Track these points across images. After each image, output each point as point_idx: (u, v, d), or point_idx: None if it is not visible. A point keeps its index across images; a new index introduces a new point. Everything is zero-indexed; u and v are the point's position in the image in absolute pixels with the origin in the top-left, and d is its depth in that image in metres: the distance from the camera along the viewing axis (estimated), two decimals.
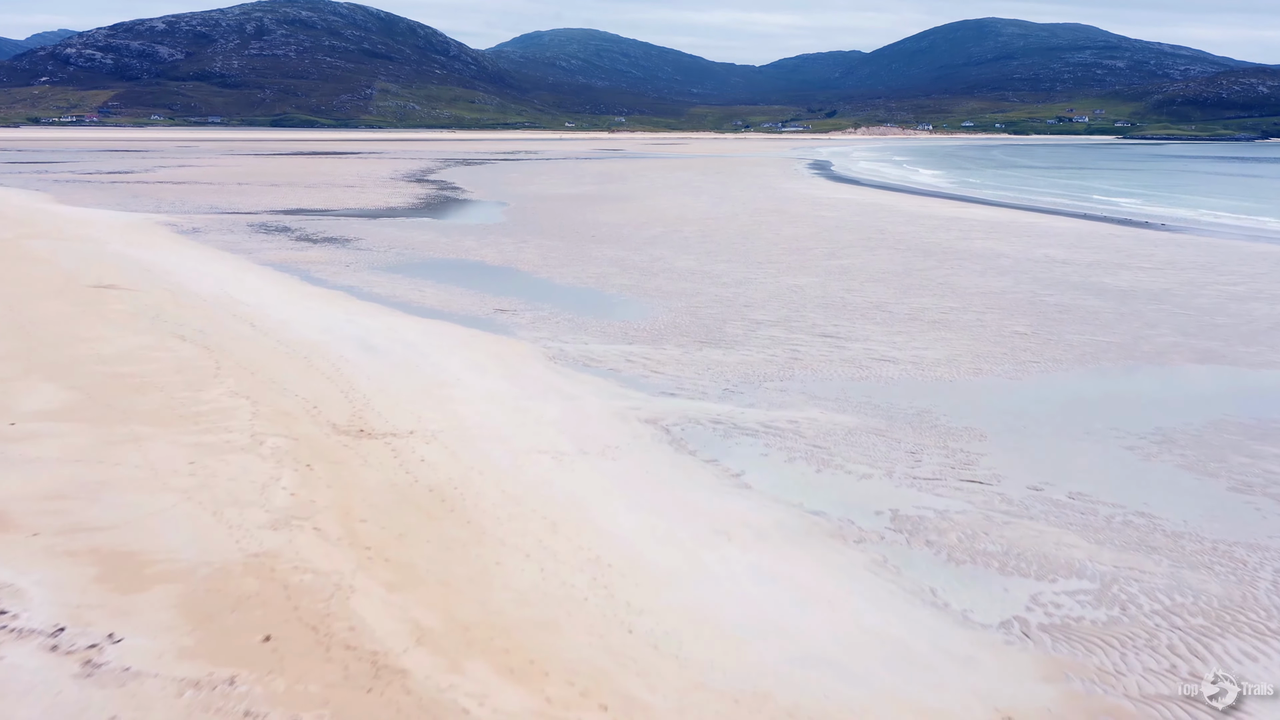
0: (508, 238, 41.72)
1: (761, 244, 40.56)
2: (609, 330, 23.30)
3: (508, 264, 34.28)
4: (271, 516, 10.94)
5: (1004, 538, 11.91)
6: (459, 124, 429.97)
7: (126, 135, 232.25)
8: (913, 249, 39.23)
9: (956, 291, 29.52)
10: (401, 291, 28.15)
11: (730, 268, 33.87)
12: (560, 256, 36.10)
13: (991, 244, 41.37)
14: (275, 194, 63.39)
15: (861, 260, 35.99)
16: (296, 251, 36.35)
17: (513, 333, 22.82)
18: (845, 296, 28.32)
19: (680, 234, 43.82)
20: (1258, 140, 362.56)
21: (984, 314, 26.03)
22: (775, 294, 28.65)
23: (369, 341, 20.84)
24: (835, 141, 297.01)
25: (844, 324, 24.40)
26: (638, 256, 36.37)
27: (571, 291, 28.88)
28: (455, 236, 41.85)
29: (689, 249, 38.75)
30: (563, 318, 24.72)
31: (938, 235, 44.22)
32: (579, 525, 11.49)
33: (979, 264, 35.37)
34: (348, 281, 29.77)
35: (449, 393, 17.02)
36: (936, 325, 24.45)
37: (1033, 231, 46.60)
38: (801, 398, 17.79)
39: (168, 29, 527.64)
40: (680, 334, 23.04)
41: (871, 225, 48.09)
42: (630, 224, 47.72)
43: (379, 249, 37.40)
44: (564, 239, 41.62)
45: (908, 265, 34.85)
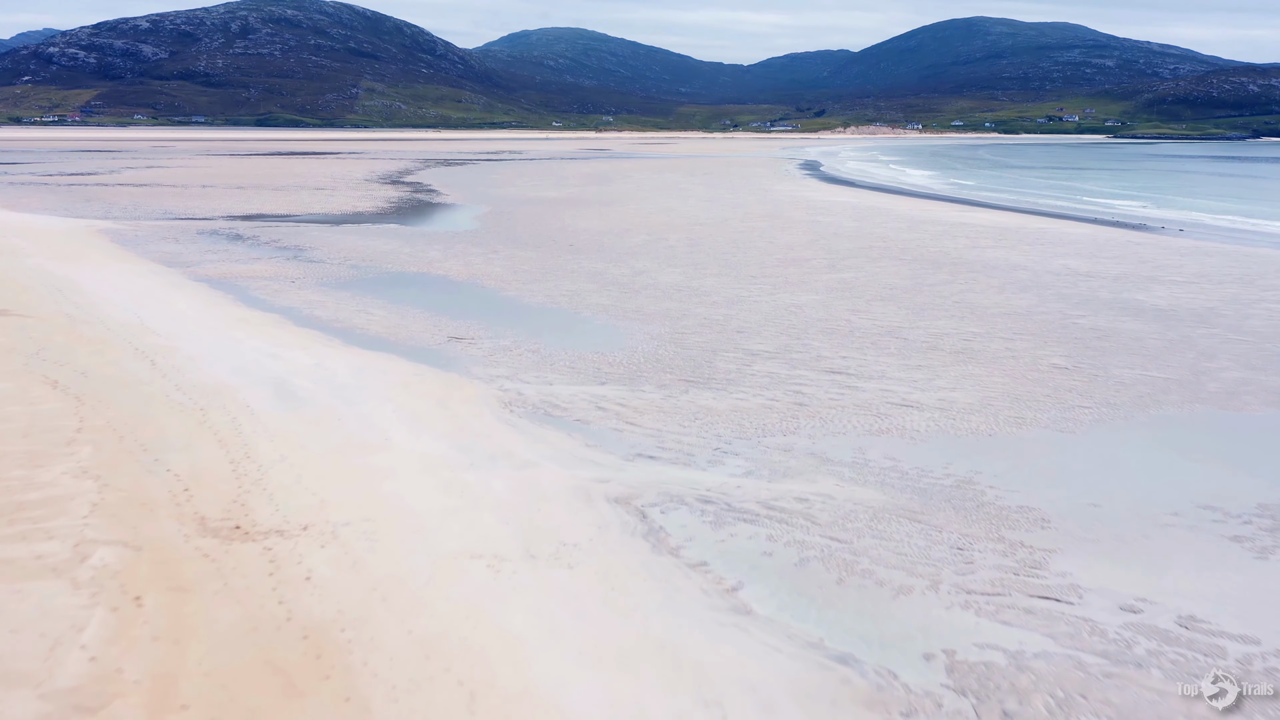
0: (478, 247, 38.23)
1: (754, 254, 37.14)
2: (579, 365, 19.85)
3: (473, 279, 30.78)
4: (42, 711, 7.43)
5: (1110, 704, 8.50)
6: (445, 123, 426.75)
7: (105, 135, 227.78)
8: (920, 259, 35.86)
9: (976, 312, 26.13)
10: (346, 314, 24.64)
11: (720, 283, 30.45)
12: (533, 270, 32.62)
13: (1004, 253, 38.03)
14: (239, 198, 59.75)
15: (865, 273, 32.60)
16: (241, 264, 32.81)
17: (466, 369, 19.34)
18: (851, 319, 24.91)
19: (666, 243, 40.38)
20: (1249, 139, 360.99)
21: (1012, 340, 22.64)
22: (772, 315, 25.22)
23: (289, 385, 17.35)
24: (825, 141, 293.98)
25: (853, 355, 20.99)
26: (618, 270, 32.91)
27: (541, 314, 25.40)
28: (420, 246, 38.33)
29: (675, 260, 35.31)
30: (527, 348, 21.26)
31: (944, 243, 40.87)
32: (511, 698, 8.04)
33: (995, 277, 32.01)
34: (288, 302, 26.25)
35: (371, 460, 13.55)
36: (961, 356, 21.05)
37: (1044, 238, 43.30)
38: (811, 461, 14.38)
39: (152, 28, 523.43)
40: (663, 369, 19.60)
41: (872, 232, 44.72)
42: (612, 231, 44.27)
43: (334, 261, 33.87)
44: (539, 249, 38.16)
45: (917, 279, 31.48)
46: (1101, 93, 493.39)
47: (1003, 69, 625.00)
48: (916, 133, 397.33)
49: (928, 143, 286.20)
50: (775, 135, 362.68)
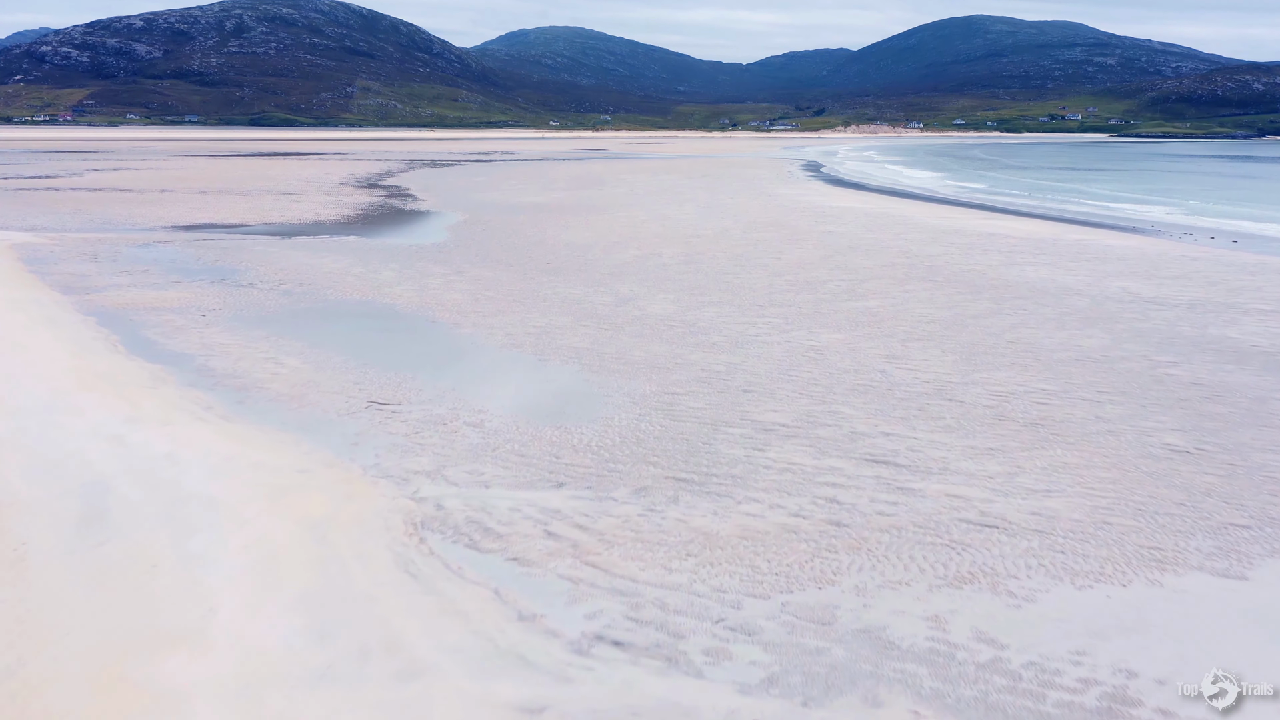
0: (441, 266, 33.07)
1: (759, 274, 31.97)
2: (532, 449, 14.69)
3: (425, 310, 25.59)
4: None
5: None
6: (441, 123, 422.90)
7: (90, 135, 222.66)
8: (954, 281, 30.70)
9: (1040, 357, 20.95)
10: (250, 365, 19.48)
11: (721, 315, 25.27)
12: (500, 296, 27.47)
13: (1047, 272, 32.88)
14: (194, 204, 54.58)
15: (892, 300, 27.44)
16: (153, 290, 27.64)
17: (375, 459, 14.17)
18: (887, 369, 19.74)
19: (659, 259, 35.21)
20: (1254, 138, 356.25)
21: (1100, 404, 17.47)
22: (786, 364, 20.05)
23: (108, 499, 12.18)
24: (826, 140, 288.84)
25: (899, 430, 15.82)
26: (601, 296, 27.75)
27: (497, 362, 20.21)
28: (376, 264, 33.16)
29: (668, 282, 30.15)
30: (467, 419, 16.09)
31: (976, 259, 35.72)
32: None
33: (1048, 305, 26.84)
34: (183, 345, 21.08)
35: (158, 675, 8.38)
36: (1041, 432, 15.87)
37: (1086, 252, 38.14)
38: (866, 653, 9.21)
39: (146, 26, 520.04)
40: (645, 457, 14.43)
41: (892, 245, 39.55)
42: (599, 244, 39.10)
43: (266, 285, 28.72)
44: (512, 268, 33.02)
45: (955, 308, 26.32)
46: (1104, 91, 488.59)
47: (1003, 67, 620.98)
48: (918, 132, 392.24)
49: (930, 142, 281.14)
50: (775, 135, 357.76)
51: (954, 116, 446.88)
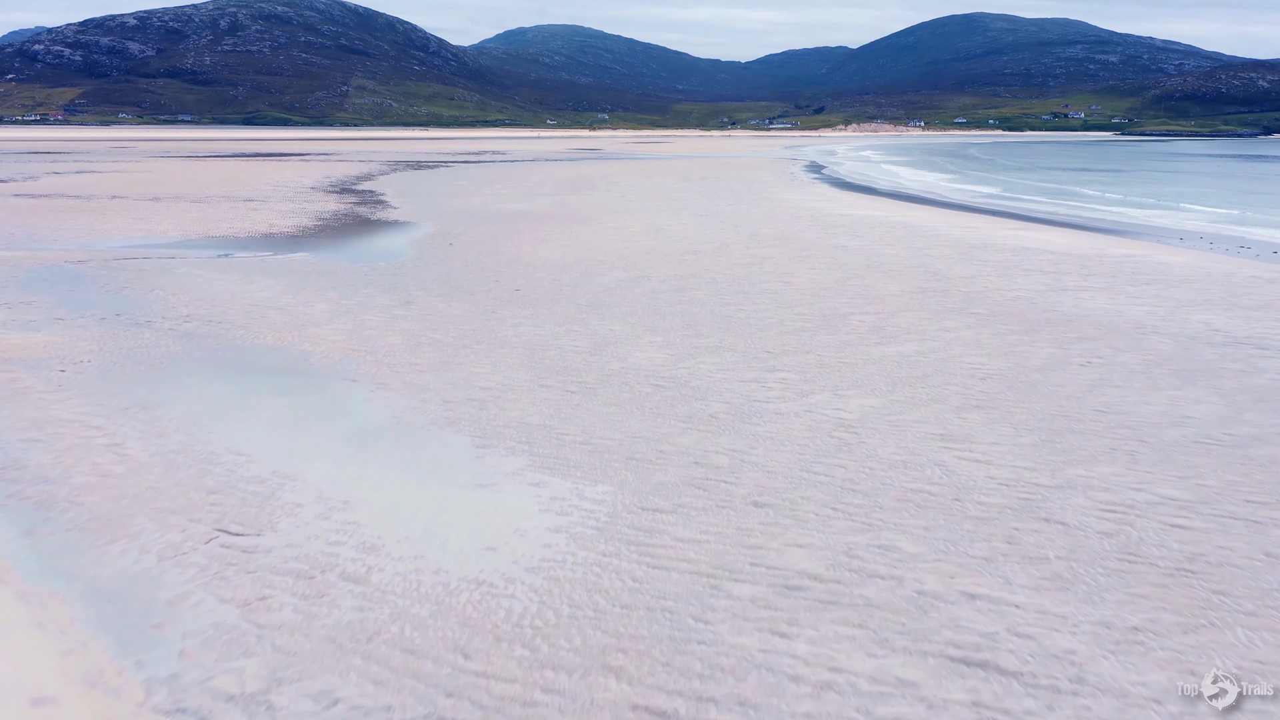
0: (388, 295, 27.84)
1: (767, 304, 26.73)
2: (428, 640, 9.42)
3: (347, 361, 20.33)
4: None
5: None
6: (437, 122, 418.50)
7: (74, 135, 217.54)
8: (1000, 314, 25.46)
9: (1145, 437, 15.65)
10: (77, 458, 14.22)
11: (722, 366, 20.03)
12: (447, 340, 22.23)
13: (1107, 300, 27.67)
14: (138, 214, 49.38)
15: (932, 342, 22.19)
16: (19, 333, 22.43)
17: (174, 665, 8.91)
18: (946, 461, 14.48)
19: (648, 283, 30.00)
20: (1260, 136, 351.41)
21: (1265, 530, 12.21)
22: (811, 454, 14.79)
23: None
24: (827, 139, 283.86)
25: (987, 589, 10.56)
26: (573, 338, 22.50)
27: (414, 455, 14.92)
28: (311, 292, 27.95)
29: (658, 316, 24.91)
30: (346, 569, 10.84)
31: (1018, 282, 30.50)
32: None
33: (1125, 350, 21.59)
34: (4, 423, 15.83)
35: None
36: (1197, 589, 10.60)
37: (1142, 272, 32.93)
38: None
39: (139, 24, 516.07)
40: (602, 666, 9.14)
41: (916, 263, 34.34)
42: (580, 263, 33.90)
43: (166, 323, 23.49)
44: (473, 296, 27.82)
45: (1013, 355, 21.07)
46: (1107, 89, 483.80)
47: (1004, 65, 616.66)
48: (919, 130, 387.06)
49: (933, 141, 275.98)
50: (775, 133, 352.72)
51: (955, 115, 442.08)
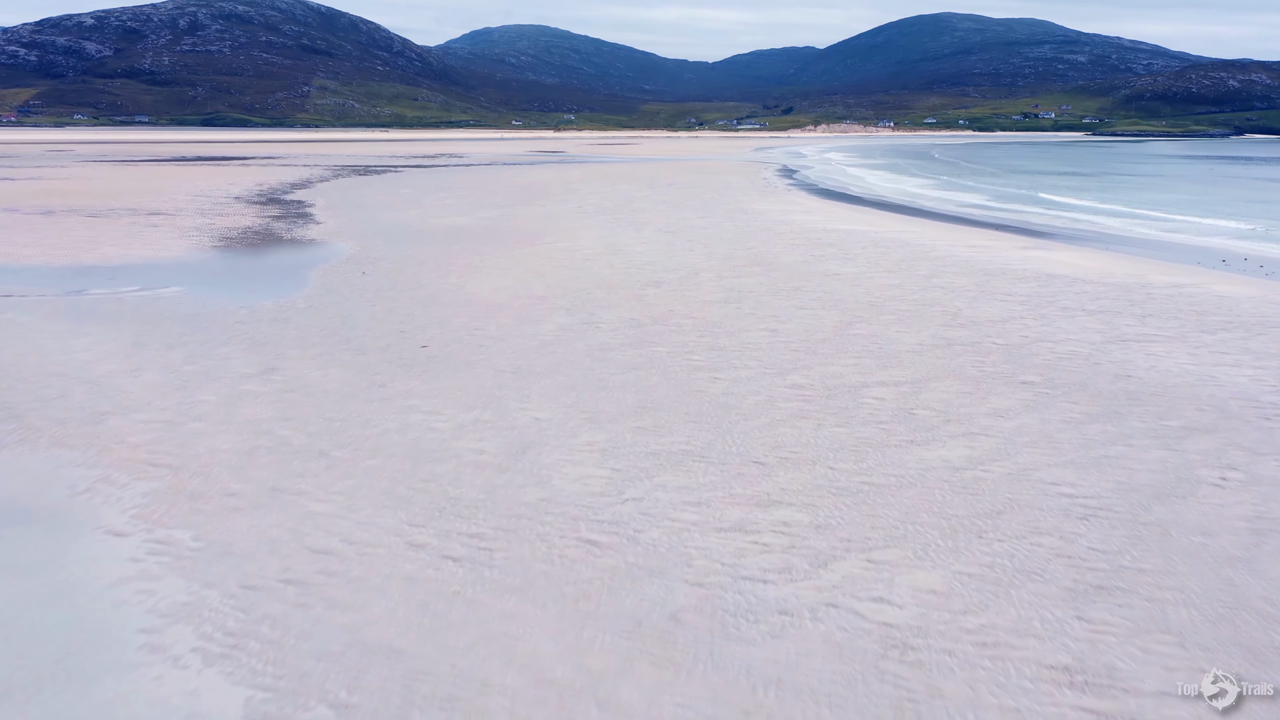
0: (250, 355, 20.99)
1: (751, 371, 20.09)
2: None
3: (128, 485, 13.49)
4: None
5: None
6: (400, 122, 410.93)
7: (15, 137, 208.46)
8: (1066, 385, 18.91)
9: None
10: None
11: (690, 493, 13.35)
12: (300, 443, 15.43)
13: (1186, 358, 21.25)
14: (9, 233, 42.23)
15: (992, 445, 15.57)
16: None
17: None
18: None
19: (596, 333, 23.32)
20: (1232, 136, 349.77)
21: None
22: None
23: None
24: (797, 140, 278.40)
25: None
26: (477, 438, 15.73)
27: None
28: (150, 353, 21.05)
29: (602, 394, 18.20)
30: None
31: (1065, 329, 24.07)
32: None
33: (1267, 453, 15.13)
34: None
35: None
36: None
37: (1206, 312, 26.61)
38: None
39: (97, 24, 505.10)
40: None
41: (929, 299, 27.87)
42: (515, 301, 27.21)
43: None
44: (364, 356, 21.05)
45: (1111, 469, 14.52)
46: (1076, 89, 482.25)
47: (973, 65, 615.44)
48: (890, 130, 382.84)
49: (905, 142, 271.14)
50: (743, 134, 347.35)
51: (925, 115, 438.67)
